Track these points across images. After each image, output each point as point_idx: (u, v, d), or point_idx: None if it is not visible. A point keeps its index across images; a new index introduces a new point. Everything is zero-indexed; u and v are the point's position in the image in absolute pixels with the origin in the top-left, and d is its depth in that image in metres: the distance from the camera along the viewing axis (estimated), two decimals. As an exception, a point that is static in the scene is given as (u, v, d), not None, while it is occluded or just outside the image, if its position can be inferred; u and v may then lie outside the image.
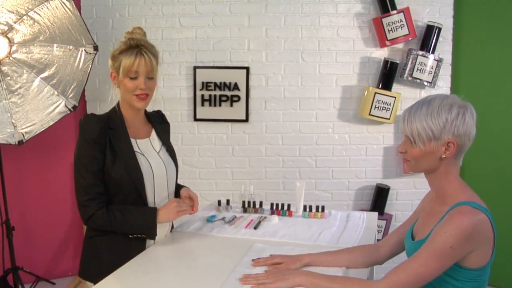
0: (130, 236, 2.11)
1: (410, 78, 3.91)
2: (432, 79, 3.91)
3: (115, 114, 2.16)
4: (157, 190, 2.19)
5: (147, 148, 2.21)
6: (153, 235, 2.13)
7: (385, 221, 4.01)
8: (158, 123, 2.36)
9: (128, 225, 2.06)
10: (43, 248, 4.10)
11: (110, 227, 2.05)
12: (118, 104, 2.20)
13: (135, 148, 2.14)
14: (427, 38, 3.89)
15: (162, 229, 2.24)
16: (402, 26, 3.84)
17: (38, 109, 3.36)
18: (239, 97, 4.10)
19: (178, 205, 2.15)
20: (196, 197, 2.35)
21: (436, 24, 3.85)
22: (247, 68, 4.08)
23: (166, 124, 2.46)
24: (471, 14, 3.96)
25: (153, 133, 2.29)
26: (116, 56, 2.11)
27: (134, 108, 2.16)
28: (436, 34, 3.87)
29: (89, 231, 2.16)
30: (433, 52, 3.89)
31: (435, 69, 3.89)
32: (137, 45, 2.09)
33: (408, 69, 3.89)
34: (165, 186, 2.24)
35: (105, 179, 2.06)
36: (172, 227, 2.42)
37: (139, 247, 2.13)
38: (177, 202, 2.16)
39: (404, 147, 1.74)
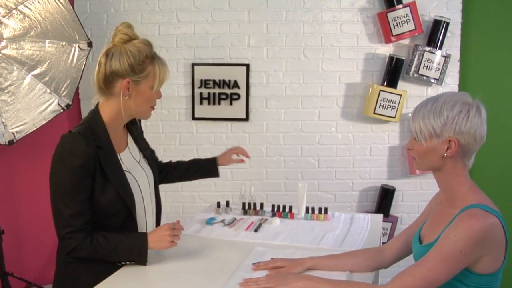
0: (118, 264, 1.98)
1: (416, 75, 3.89)
2: (440, 76, 3.90)
3: (98, 128, 1.97)
4: (146, 205, 2.13)
5: (129, 161, 2.10)
6: (144, 262, 1.98)
7: (390, 224, 4.00)
8: (131, 123, 2.19)
9: (116, 253, 1.93)
10: (35, 252, 4.08)
11: (95, 257, 1.92)
12: (97, 112, 2.01)
13: (122, 166, 2.03)
14: (434, 33, 3.87)
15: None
16: (408, 21, 3.82)
17: (29, 108, 3.35)
18: (239, 95, 4.09)
19: (171, 233, 1.97)
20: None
21: (443, 19, 3.84)
22: (247, 65, 4.07)
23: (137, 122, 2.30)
24: (481, 8, 3.94)
25: (130, 140, 2.17)
26: (143, 65, 1.96)
27: (127, 118, 2.05)
28: (443, 29, 3.85)
29: (63, 256, 2.00)
30: (440, 48, 3.87)
31: (443, 65, 3.87)
32: (154, 54, 2.01)
33: (414, 65, 3.88)
34: (150, 197, 2.18)
35: (92, 205, 1.92)
36: None
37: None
38: (170, 229, 1.97)
39: (410, 143, 1.76)
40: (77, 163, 1.85)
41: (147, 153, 2.25)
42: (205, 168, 2.67)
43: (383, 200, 4.04)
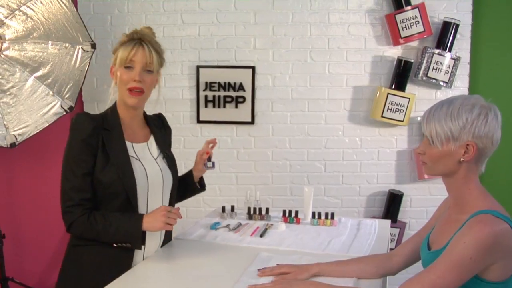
0: (114, 245, 2.03)
1: (425, 78, 3.89)
2: (449, 79, 3.89)
3: (111, 114, 2.14)
4: (150, 199, 2.15)
5: (143, 153, 2.17)
6: (138, 244, 2.03)
7: (398, 229, 3.99)
8: (158, 127, 2.33)
9: (110, 232, 1.98)
10: (36, 257, 4.08)
11: (91, 234, 2.00)
12: (115, 104, 2.17)
13: (130, 152, 2.11)
14: (444, 35, 3.86)
15: (153, 239, 2.18)
16: (417, 22, 3.82)
17: (32, 110, 3.36)
18: (244, 98, 4.09)
19: (167, 214, 2.02)
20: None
21: (453, 21, 3.83)
22: (253, 68, 4.07)
23: (167, 129, 2.44)
24: (492, 9, 3.94)
25: (152, 139, 2.26)
26: (116, 48, 2.13)
27: (129, 108, 2.13)
28: (453, 31, 3.84)
29: (73, 239, 2.11)
30: (450, 50, 3.86)
31: (452, 68, 3.87)
32: (139, 38, 2.10)
33: (423, 68, 3.87)
34: (160, 196, 2.20)
35: (94, 183, 2.02)
36: (170, 238, 2.38)
37: (127, 261, 2.07)
38: (166, 210, 2.03)
39: (422, 148, 1.74)
40: (79, 138, 2.00)
41: (168, 155, 2.30)
42: (184, 185, 2.50)
43: (391, 206, 4.03)
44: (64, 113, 3.46)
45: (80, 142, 2.00)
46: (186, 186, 2.48)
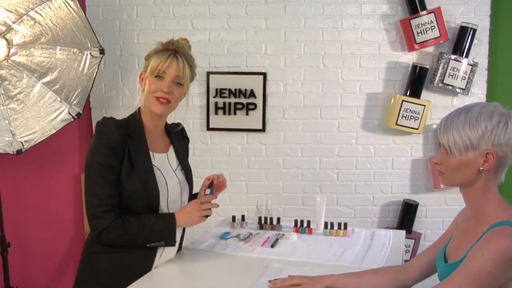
0: (147, 245, 2.08)
1: (441, 85, 3.86)
2: (466, 86, 3.86)
3: (135, 121, 2.15)
4: (170, 211, 2.18)
5: (164, 164, 2.20)
6: (173, 241, 2.11)
7: (413, 240, 3.96)
8: (178, 138, 2.36)
9: (146, 232, 2.04)
10: (41, 266, 4.08)
11: (125, 237, 2.03)
12: (139, 110, 2.19)
13: (153, 162, 2.14)
14: (461, 40, 3.84)
15: (170, 248, 2.22)
16: (432, 27, 3.80)
17: (39, 116, 3.37)
18: (255, 105, 4.09)
19: (201, 208, 2.13)
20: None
21: (470, 25, 3.80)
22: (264, 74, 4.07)
23: (185, 139, 2.47)
24: (510, 14, 3.90)
25: (171, 149, 2.28)
26: (150, 55, 2.15)
27: (154, 116, 2.15)
28: (470, 36, 3.81)
29: (89, 246, 2.13)
30: (467, 56, 3.84)
31: (469, 74, 3.84)
32: (174, 49, 2.12)
33: (439, 74, 3.85)
34: (178, 208, 2.22)
35: (119, 190, 2.05)
36: (180, 247, 2.39)
37: (146, 267, 2.11)
38: (198, 205, 2.14)
39: (439, 157, 1.71)
40: (106, 142, 2.02)
41: (186, 167, 2.33)
42: None
43: (406, 216, 4.00)
44: (72, 119, 3.47)
45: (108, 147, 2.02)
46: None
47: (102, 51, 3.50)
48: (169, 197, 2.16)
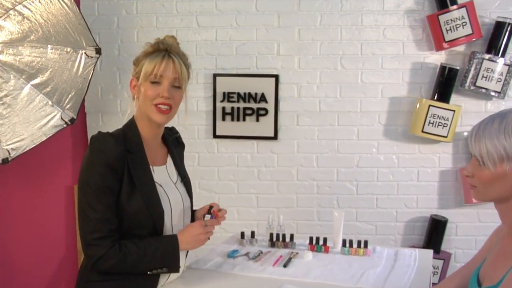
0: (149, 273, 2.06)
1: (473, 87, 3.84)
2: (502, 89, 3.84)
3: (132, 134, 2.13)
4: (174, 229, 2.18)
5: (164, 178, 2.20)
6: (176, 267, 2.10)
7: (442, 261, 3.93)
8: (174, 146, 2.36)
9: (147, 259, 2.02)
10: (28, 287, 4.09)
11: (124, 265, 2.01)
12: (133, 121, 2.17)
13: (154, 177, 2.13)
14: (496, 38, 3.81)
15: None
16: (464, 24, 3.78)
17: (28, 122, 3.35)
18: (266, 110, 4.10)
19: (205, 230, 2.12)
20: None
21: (508, 20, 3.77)
22: (276, 76, 4.08)
23: (181, 145, 2.47)
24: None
25: (169, 159, 2.28)
26: (140, 60, 2.14)
27: (153, 125, 2.14)
28: (507, 32, 3.78)
29: (85, 275, 2.11)
30: (503, 55, 3.81)
31: (506, 75, 3.82)
32: (166, 49, 2.12)
33: (470, 76, 3.83)
34: (182, 224, 2.23)
35: (119, 212, 2.03)
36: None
37: None
38: (202, 228, 2.12)
39: (470, 169, 1.70)
40: (104, 162, 1.98)
41: (186, 178, 2.33)
42: None
43: (433, 233, 3.98)
44: (65, 125, 3.46)
45: (105, 166, 1.99)
46: None
47: (98, 51, 3.50)
48: (173, 214, 2.16)
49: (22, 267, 4.05)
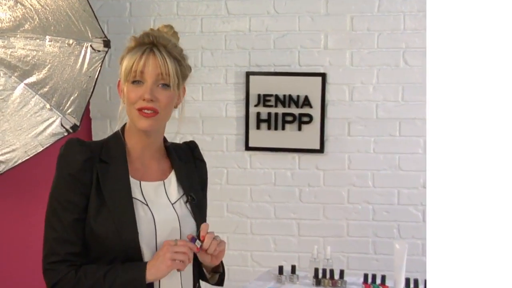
0: None
1: None
2: None
3: (114, 142, 2.11)
4: None
5: (155, 195, 2.14)
6: None
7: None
8: (184, 161, 2.30)
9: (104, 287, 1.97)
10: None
11: None
12: (123, 128, 2.15)
13: (135, 194, 2.07)
14: None
15: None
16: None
17: (20, 129, 3.39)
18: (310, 117, 4.07)
19: (172, 250, 1.99)
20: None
21: None
22: (323, 75, 4.05)
23: (201, 163, 2.40)
24: None
25: (172, 175, 2.23)
26: (123, 57, 2.10)
27: (141, 133, 2.10)
28: None
29: None
30: None
31: None
32: (151, 42, 2.06)
33: None
34: None
35: (86, 233, 1.99)
36: None
37: None
38: (169, 246, 2.00)
39: None
40: (66, 172, 1.98)
41: (192, 197, 2.25)
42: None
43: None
44: (65, 133, 3.50)
45: (68, 177, 1.98)
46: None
47: (106, 44, 3.53)
48: (158, 240, 2.08)
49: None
